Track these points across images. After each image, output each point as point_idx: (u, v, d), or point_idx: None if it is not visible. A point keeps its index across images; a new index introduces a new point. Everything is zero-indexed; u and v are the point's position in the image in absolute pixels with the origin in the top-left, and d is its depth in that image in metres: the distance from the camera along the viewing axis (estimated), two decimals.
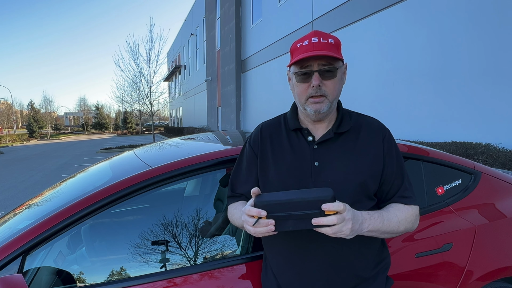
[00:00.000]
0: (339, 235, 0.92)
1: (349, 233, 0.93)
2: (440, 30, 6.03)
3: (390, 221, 1.06)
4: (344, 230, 0.91)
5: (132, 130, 44.20)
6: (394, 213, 1.09)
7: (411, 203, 1.14)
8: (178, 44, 34.75)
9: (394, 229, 1.07)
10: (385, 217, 1.06)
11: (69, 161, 13.59)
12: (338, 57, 1.04)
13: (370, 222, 1.01)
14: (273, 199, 0.92)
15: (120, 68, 25.63)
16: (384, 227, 1.05)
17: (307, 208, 0.91)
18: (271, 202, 0.92)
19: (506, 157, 4.34)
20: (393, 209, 1.11)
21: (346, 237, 0.94)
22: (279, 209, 0.92)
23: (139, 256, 1.34)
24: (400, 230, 1.09)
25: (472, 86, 5.51)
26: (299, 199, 0.91)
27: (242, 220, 0.96)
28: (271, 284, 1.21)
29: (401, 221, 1.09)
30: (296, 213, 0.91)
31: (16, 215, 1.57)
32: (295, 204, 0.91)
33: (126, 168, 1.59)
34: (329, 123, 1.15)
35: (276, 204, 0.92)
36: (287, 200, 0.91)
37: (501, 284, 1.66)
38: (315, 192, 0.91)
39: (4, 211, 5.81)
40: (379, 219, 1.04)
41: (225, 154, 1.48)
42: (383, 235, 1.08)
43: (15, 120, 54.37)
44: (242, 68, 16.08)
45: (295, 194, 0.92)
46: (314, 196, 0.90)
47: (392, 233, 1.08)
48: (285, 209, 0.91)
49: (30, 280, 1.20)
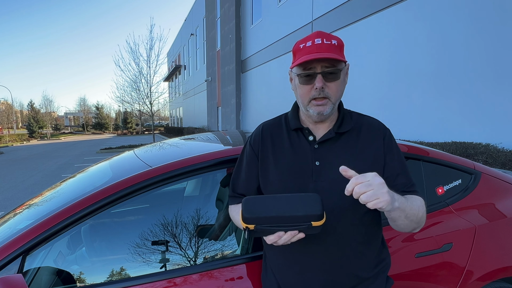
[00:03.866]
0: (379, 205, 0.85)
1: (388, 198, 0.86)
2: (441, 30, 6.03)
3: (412, 203, 1.02)
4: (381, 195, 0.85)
5: (132, 130, 44.19)
6: (411, 198, 1.05)
7: (416, 195, 1.11)
8: (178, 44, 34.75)
9: (415, 212, 1.02)
10: (408, 198, 1.02)
11: (69, 161, 13.59)
12: (341, 59, 1.04)
13: (399, 199, 0.96)
14: (261, 211, 0.92)
15: (120, 68, 25.58)
16: (408, 209, 0.99)
17: (295, 222, 0.92)
18: (260, 216, 0.92)
19: (506, 157, 4.34)
20: (409, 196, 1.06)
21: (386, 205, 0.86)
22: (266, 223, 0.92)
23: (139, 256, 1.34)
24: (419, 215, 1.04)
25: (472, 86, 5.51)
26: (288, 215, 0.91)
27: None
28: (271, 284, 1.21)
29: (419, 206, 1.04)
30: (283, 227, 0.92)
31: (16, 215, 1.57)
32: (283, 219, 0.92)
33: (126, 168, 1.59)
34: (330, 123, 1.15)
35: (264, 218, 0.92)
36: (275, 215, 0.92)
37: (501, 284, 1.66)
38: (305, 205, 0.91)
39: (4, 211, 5.81)
40: (403, 198, 0.99)
41: (225, 154, 1.48)
42: (406, 220, 1.01)
43: (15, 120, 54.35)
44: (242, 68, 16.08)
45: (284, 206, 0.92)
46: (303, 212, 0.91)
47: (413, 218, 1.02)
48: (272, 222, 0.92)
49: (30, 280, 1.20)
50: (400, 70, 6.95)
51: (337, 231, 1.08)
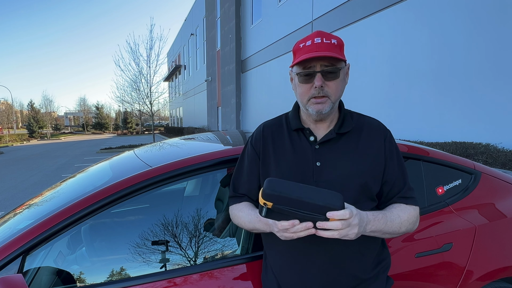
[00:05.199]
0: (344, 238, 0.94)
1: (354, 237, 0.94)
2: (441, 29, 6.03)
3: (392, 222, 1.07)
4: (350, 234, 0.93)
5: (132, 130, 44.18)
6: (397, 214, 1.09)
7: (412, 204, 1.14)
8: (178, 44, 34.74)
9: (396, 230, 1.08)
10: (388, 218, 1.06)
11: (69, 161, 13.59)
12: (341, 58, 1.04)
13: (374, 224, 1.02)
14: (283, 191, 0.91)
15: (120, 68, 25.62)
16: (387, 228, 1.05)
17: (313, 211, 0.90)
18: (281, 194, 0.90)
19: (506, 157, 4.34)
20: (395, 210, 1.11)
21: (350, 239, 0.95)
22: (285, 203, 0.91)
23: (139, 256, 1.34)
24: (401, 231, 1.10)
25: (473, 86, 5.51)
26: (308, 201, 0.90)
27: (279, 235, 0.97)
28: (271, 284, 1.21)
29: (403, 222, 1.09)
30: (301, 212, 0.90)
31: (16, 215, 1.57)
32: (303, 204, 0.90)
33: (126, 168, 1.59)
34: (330, 123, 1.16)
35: (285, 198, 0.90)
36: (296, 198, 0.90)
37: (501, 284, 1.66)
38: (326, 198, 0.91)
39: (4, 211, 5.81)
40: (382, 220, 1.04)
41: (225, 154, 1.48)
42: (384, 236, 1.09)
43: (15, 120, 54.35)
44: (242, 68, 16.08)
45: (306, 193, 0.91)
46: (323, 202, 0.90)
47: (393, 233, 1.09)
48: (291, 205, 0.90)
49: (30, 280, 1.20)
50: (400, 70, 6.95)
51: None
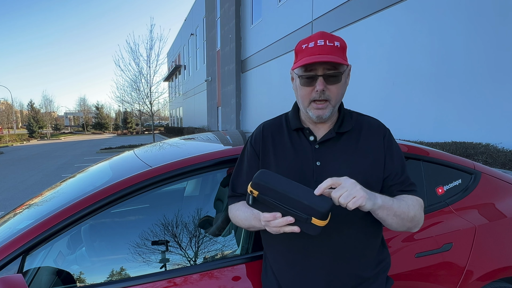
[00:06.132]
0: (357, 203, 0.90)
1: (364, 194, 0.91)
2: (440, 30, 6.03)
3: (400, 202, 1.04)
4: (356, 193, 0.90)
5: (132, 130, 44.17)
6: (402, 199, 1.07)
7: (414, 195, 1.12)
8: (178, 44, 34.74)
9: (405, 211, 1.04)
10: (395, 199, 1.04)
11: (69, 161, 13.58)
12: (343, 63, 1.03)
13: (383, 199, 0.99)
14: (270, 183, 0.92)
15: (120, 68, 25.59)
16: (395, 206, 1.02)
17: (296, 208, 0.91)
18: (267, 185, 0.92)
19: (506, 157, 4.34)
20: (400, 197, 1.09)
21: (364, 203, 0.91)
22: (270, 195, 0.92)
23: (139, 256, 1.34)
24: (411, 215, 1.05)
25: (472, 86, 5.51)
26: (293, 197, 0.90)
27: (263, 224, 0.97)
28: (272, 284, 1.21)
29: (410, 205, 1.06)
30: (283, 207, 0.91)
31: (16, 215, 1.57)
32: (288, 199, 0.91)
33: (126, 168, 1.59)
34: (330, 123, 1.16)
35: (271, 190, 0.92)
36: (282, 192, 0.91)
37: (501, 284, 1.66)
38: (315, 199, 0.90)
39: (4, 211, 5.81)
40: (390, 199, 1.02)
41: (225, 154, 1.48)
42: (395, 219, 1.03)
43: (15, 120, 54.34)
44: (242, 68, 16.07)
45: (294, 190, 0.92)
46: (309, 202, 0.90)
47: (404, 216, 1.04)
48: (276, 197, 0.92)
49: (30, 280, 1.20)
50: (400, 70, 6.95)
51: (338, 232, 1.08)
